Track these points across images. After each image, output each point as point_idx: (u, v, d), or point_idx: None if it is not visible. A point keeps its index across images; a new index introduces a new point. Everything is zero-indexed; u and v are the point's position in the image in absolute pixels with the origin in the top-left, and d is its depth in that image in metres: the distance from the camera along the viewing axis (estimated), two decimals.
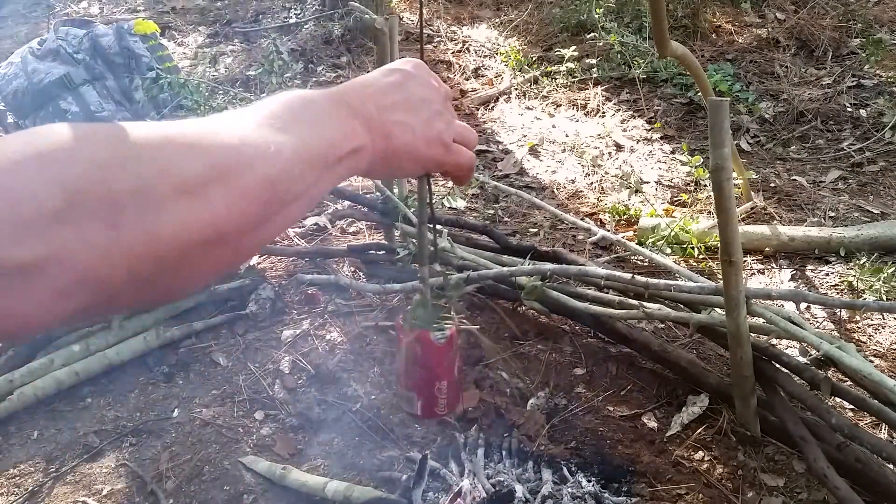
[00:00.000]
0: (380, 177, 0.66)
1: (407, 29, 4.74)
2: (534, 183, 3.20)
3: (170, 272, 0.41)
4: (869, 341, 2.17)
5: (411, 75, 0.61)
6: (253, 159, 0.45)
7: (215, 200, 0.42)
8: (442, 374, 0.81)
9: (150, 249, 0.39)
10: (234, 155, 0.44)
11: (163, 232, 0.39)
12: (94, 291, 0.38)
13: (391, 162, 0.58)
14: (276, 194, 0.46)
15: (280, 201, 0.47)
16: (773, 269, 2.52)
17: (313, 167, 0.49)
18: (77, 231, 0.36)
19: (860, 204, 2.86)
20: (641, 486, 1.75)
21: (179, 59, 4.32)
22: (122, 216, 0.38)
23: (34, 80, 3.20)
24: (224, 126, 0.46)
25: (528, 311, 2.27)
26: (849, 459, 1.63)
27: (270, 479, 1.79)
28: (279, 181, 0.46)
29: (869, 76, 3.70)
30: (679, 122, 3.55)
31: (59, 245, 0.35)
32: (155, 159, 0.40)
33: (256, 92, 3.30)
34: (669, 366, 2.02)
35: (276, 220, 0.47)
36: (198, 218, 0.41)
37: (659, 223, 2.68)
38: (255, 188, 0.44)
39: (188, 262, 0.42)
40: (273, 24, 4.89)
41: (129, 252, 0.38)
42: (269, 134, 0.47)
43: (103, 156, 0.38)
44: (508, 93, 3.93)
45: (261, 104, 0.51)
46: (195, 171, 0.42)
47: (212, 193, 0.42)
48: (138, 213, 0.38)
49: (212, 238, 0.42)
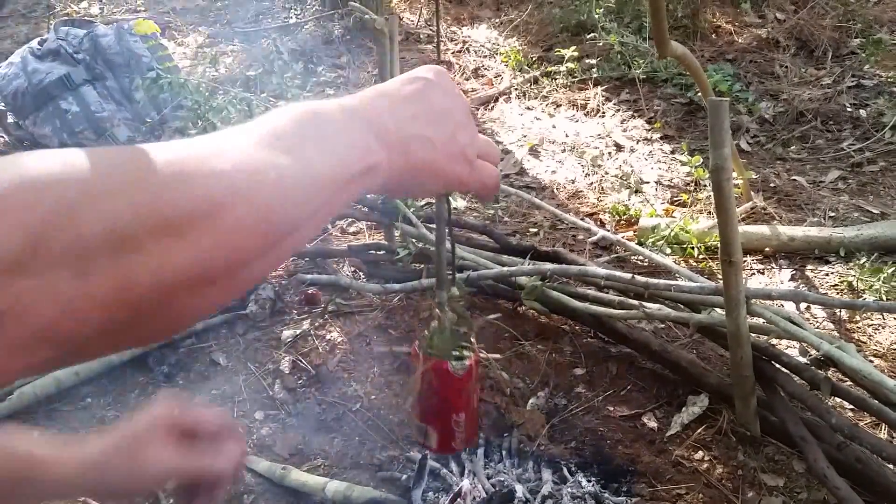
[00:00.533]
0: (397, 195, 0.59)
1: (407, 29, 4.75)
2: (534, 183, 3.20)
3: (148, 319, 0.37)
4: (869, 341, 2.17)
5: (433, 84, 0.56)
6: (248, 188, 0.39)
7: (203, 238, 0.37)
8: (460, 407, 0.74)
9: (124, 298, 0.35)
10: (226, 184, 0.39)
11: (140, 278, 0.35)
12: (57, 345, 0.34)
13: (410, 180, 0.53)
14: (275, 225, 0.41)
15: (280, 232, 0.42)
16: (773, 269, 2.52)
17: (321, 191, 0.44)
18: (39, 282, 0.32)
19: (860, 204, 2.86)
20: (641, 486, 1.75)
21: (179, 59, 4.32)
22: (93, 263, 0.33)
23: (34, 80, 3.20)
24: (216, 148, 0.41)
25: (528, 311, 2.27)
26: (849, 459, 1.63)
27: (270, 479, 1.79)
28: (279, 211, 0.41)
29: (869, 76, 3.70)
30: (679, 122, 3.55)
31: (16, 299, 0.32)
32: (132, 196, 0.35)
33: (256, 92, 3.31)
34: (669, 366, 2.02)
35: (274, 251, 0.43)
36: (182, 259, 0.36)
37: (659, 223, 2.68)
38: (250, 221, 0.39)
39: (169, 308, 0.37)
40: (273, 24, 4.89)
41: (100, 302, 0.34)
42: (270, 156, 0.42)
43: (73, 195, 0.34)
44: (508, 93, 3.93)
45: (264, 119, 0.46)
46: (180, 206, 0.37)
47: (199, 231, 0.37)
48: (111, 259, 0.34)
49: (198, 279, 0.38)
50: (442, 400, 0.74)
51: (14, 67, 3.29)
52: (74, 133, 3.19)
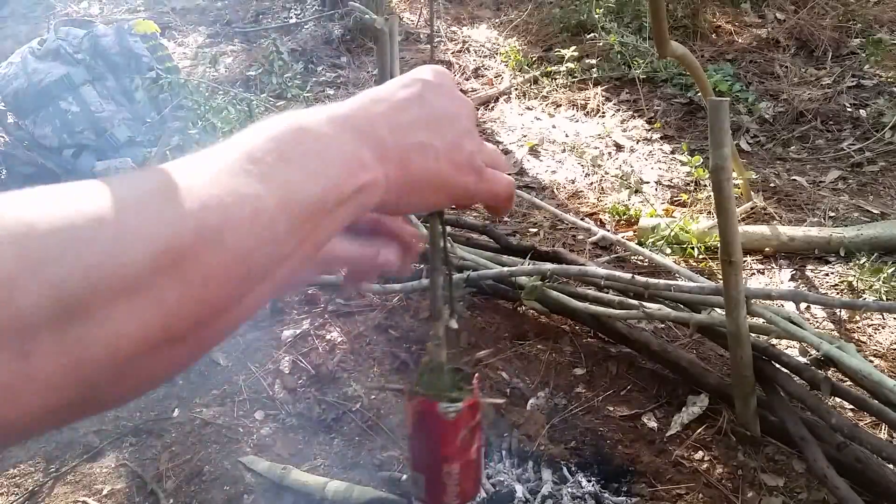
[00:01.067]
0: (398, 212, 0.52)
1: (407, 29, 4.74)
2: (534, 183, 3.20)
3: (102, 393, 0.32)
4: (869, 341, 2.17)
5: (432, 85, 0.50)
6: (220, 229, 0.34)
7: (167, 294, 0.32)
8: (452, 456, 0.62)
9: (74, 376, 0.30)
10: (193, 227, 0.33)
11: (92, 352, 0.30)
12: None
13: (411, 194, 0.47)
14: (251, 269, 0.35)
15: (257, 275, 0.36)
16: (773, 269, 2.52)
17: (306, 220, 0.38)
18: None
19: (860, 204, 2.86)
20: (641, 486, 1.75)
21: (179, 59, 4.32)
22: (35, 341, 0.29)
23: (34, 80, 3.20)
24: (183, 180, 0.34)
25: (528, 311, 2.27)
26: (849, 459, 1.63)
27: (270, 479, 1.79)
28: (256, 252, 0.35)
29: (869, 76, 3.70)
30: (679, 122, 3.55)
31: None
32: (81, 256, 0.30)
33: (256, 92, 3.31)
34: (669, 366, 2.02)
35: (252, 296, 0.36)
36: (142, 321, 0.31)
37: (659, 223, 2.68)
38: (221, 268, 0.34)
39: (128, 377, 0.32)
40: (273, 24, 4.89)
41: (44, 384, 0.29)
42: (246, 185, 0.36)
43: (11, 266, 0.28)
44: (508, 93, 3.93)
45: (238, 139, 0.39)
46: (138, 261, 0.31)
47: (161, 287, 0.32)
48: (57, 334, 0.29)
49: (161, 340, 0.32)
50: (431, 447, 0.63)
51: (14, 67, 3.29)
52: (74, 133, 3.19)
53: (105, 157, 3.18)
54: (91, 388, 0.31)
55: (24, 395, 0.29)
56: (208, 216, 0.34)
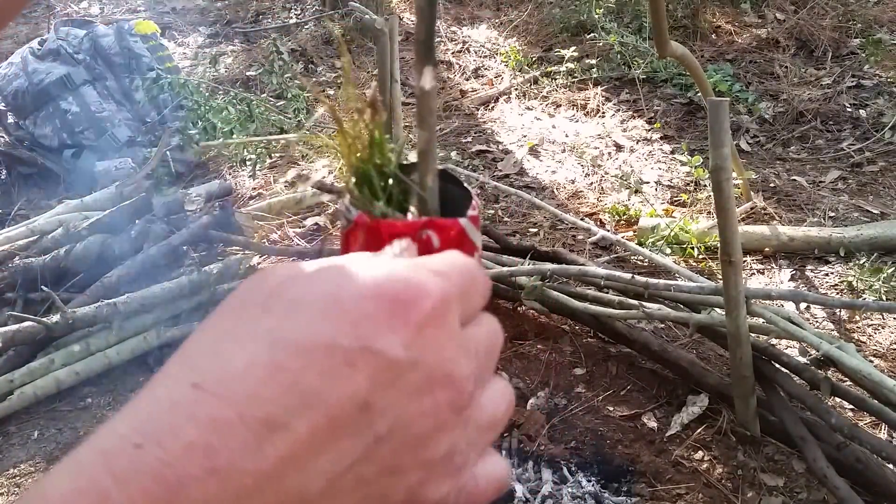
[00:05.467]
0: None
1: (407, 29, 4.75)
2: (534, 183, 3.20)
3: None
4: (869, 341, 2.17)
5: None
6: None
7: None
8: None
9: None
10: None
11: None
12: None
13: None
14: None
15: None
16: (773, 269, 2.52)
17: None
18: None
19: (860, 204, 2.86)
20: (641, 486, 1.75)
21: (179, 59, 4.32)
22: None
23: (34, 80, 3.20)
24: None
25: (528, 311, 2.27)
26: (849, 459, 1.63)
27: None
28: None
29: (869, 76, 3.70)
30: (679, 122, 3.55)
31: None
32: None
33: (256, 92, 3.31)
34: (669, 366, 2.02)
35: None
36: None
37: (659, 223, 2.68)
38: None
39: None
40: (273, 24, 4.89)
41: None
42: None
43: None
44: (508, 93, 3.93)
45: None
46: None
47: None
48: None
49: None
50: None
51: (14, 67, 3.29)
52: (74, 133, 3.20)
53: (105, 157, 3.18)
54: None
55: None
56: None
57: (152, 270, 2.33)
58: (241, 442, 0.24)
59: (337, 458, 0.26)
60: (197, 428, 0.24)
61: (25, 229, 2.59)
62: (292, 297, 0.28)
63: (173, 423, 0.25)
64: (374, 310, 0.28)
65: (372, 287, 0.28)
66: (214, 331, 0.28)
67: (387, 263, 0.30)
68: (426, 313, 0.28)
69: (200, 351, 0.27)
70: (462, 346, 0.30)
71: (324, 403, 0.26)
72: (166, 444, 0.24)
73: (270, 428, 0.25)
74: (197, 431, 0.24)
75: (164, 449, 0.24)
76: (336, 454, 0.26)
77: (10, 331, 2.08)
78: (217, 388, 0.25)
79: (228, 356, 0.26)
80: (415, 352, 0.28)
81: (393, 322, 0.28)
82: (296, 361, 0.26)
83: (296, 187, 0.56)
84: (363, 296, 0.28)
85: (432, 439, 0.28)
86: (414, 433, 0.28)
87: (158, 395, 0.26)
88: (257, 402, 0.25)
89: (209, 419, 0.25)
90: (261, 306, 0.28)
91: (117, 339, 2.22)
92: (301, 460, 0.25)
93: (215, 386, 0.25)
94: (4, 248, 2.48)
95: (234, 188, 3.08)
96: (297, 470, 0.25)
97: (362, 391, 0.26)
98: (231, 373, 0.26)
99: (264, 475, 0.24)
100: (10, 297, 2.38)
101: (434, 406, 0.28)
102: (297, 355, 0.26)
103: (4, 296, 2.39)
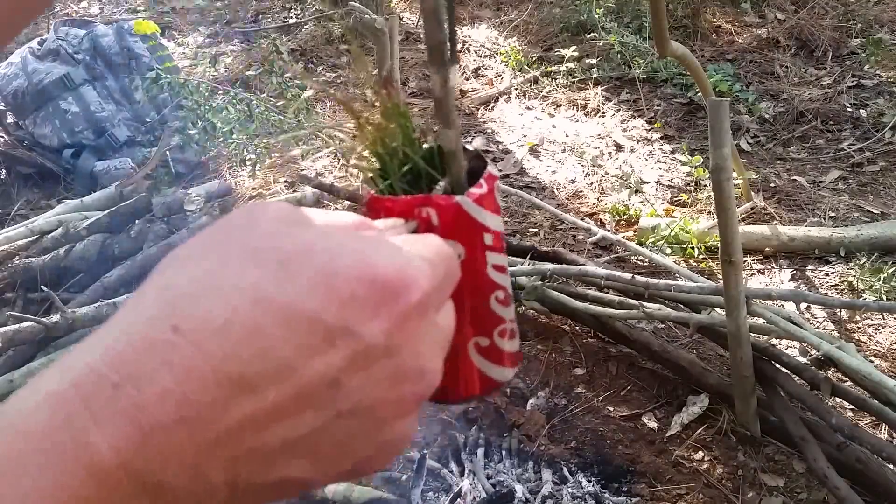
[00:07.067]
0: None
1: (407, 29, 4.74)
2: (534, 183, 3.20)
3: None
4: (869, 341, 2.17)
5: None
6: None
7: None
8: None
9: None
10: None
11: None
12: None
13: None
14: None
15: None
16: (773, 269, 2.52)
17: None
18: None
19: (860, 204, 2.86)
20: (641, 486, 1.75)
21: (179, 59, 4.32)
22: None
23: (34, 80, 3.20)
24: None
25: (528, 311, 2.27)
26: (849, 459, 1.63)
27: None
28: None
29: (869, 76, 3.70)
30: (679, 122, 3.55)
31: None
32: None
33: (256, 92, 3.31)
34: (669, 366, 2.02)
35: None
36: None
37: (659, 223, 2.68)
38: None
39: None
40: (273, 24, 4.89)
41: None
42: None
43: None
44: (508, 93, 3.93)
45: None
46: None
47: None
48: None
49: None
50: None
51: (14, 67, 3.29)
52: (74, 133, 3.19)
53: (105, 157, 3.18)
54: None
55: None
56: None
57: (152, 270, 2.33)
58: (211, 397, 0.25)
59: (296, 426, 0.27)
60: (172, 375, 0.25)
61: (25, 229, 2.58)
62: (284, 254, 0.28)
63: (150, 367, 0.25)
64: (363, 293, 0.28)
65: (365, 269, 0.28)
66: (198, 266, 0.28)
67: (383, 245, 0.30)
68: (412, 304, 0.29)
69: (182, 288, 0.27)
70: (436, 342, 0.31)
71: (296, 376, 0.26)
72: (143, 387, 0.25)
73: (240, 389, 0.25)
74: (172, 379, 0.25)
75: (140, 392, 0.24)
76: (296, 422, 0.27)
77: (10, 331, 2.07)
78: (195, 336, 0.25)
79: (211, 305, 0.26)
80: (394, 341, 0.28)
81: (379, 309, 0.28)
82: (277, 329, 0.26)
83: (296, 187, 0.57)
84: (355, 277, 0.28)
85: (389, 425, 0.29)
86: (375, 417, 0.29)
87: (136, 332, 0.26)
88: (232, 360, 0.25)
89: (184, 369, 0.25)
90: (249, 254, 0.28)
91: None
92: (262, 423, 0.26)
93: (194, 334, 0.26)
94: (4, 248, 2.48)
95: (234, 188, 3.08)
96: (257, 430, 0.26)
97: (334, 369, 0.27)
98: (211, 325, 0.26)
99: (225, 431, 0.25)
100: (10, 297, 2.38)
101: (400, 396, 0.29)
102: (279, 323, 0.26)
103: (4, 296, 2.39)
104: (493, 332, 0.41)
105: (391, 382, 0.29)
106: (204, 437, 0.25)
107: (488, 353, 0.41)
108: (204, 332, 0.26)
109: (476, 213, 0.38)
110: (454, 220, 0.38)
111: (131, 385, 0.25)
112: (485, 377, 0.41)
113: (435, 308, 0.32)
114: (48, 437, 0.24)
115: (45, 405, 0.24)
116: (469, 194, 0.39)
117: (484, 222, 0.39)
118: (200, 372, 0.25)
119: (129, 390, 0.24)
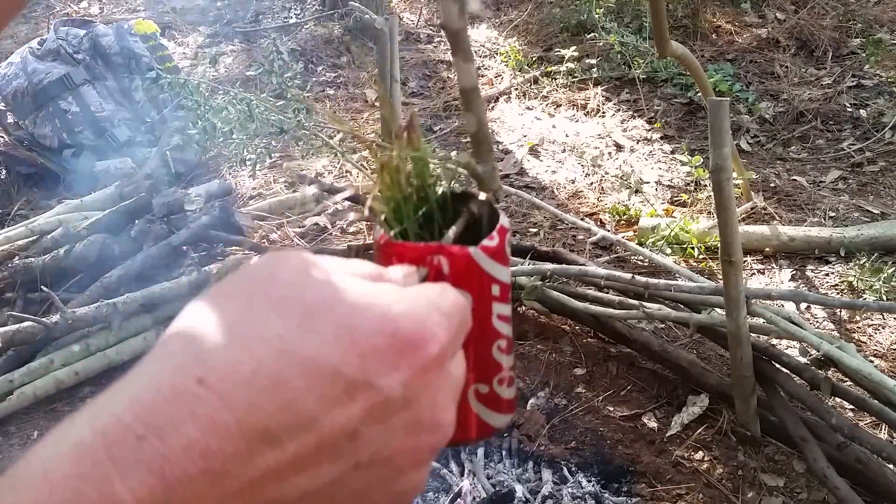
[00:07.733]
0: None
1: (407, 29, 4.74)
2: (534, 183, 3.20)
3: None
4: (869, 341, 2.17)
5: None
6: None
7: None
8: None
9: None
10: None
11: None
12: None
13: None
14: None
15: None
16: (773, 269, 2.52)
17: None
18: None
19: (860, 204, 2.86)
20: (641, 486, 1.75)
21: (179, 59, 4.32)
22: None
23: (34, 80, 3.20)
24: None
25: (528, 311, 2.27)
26: (849, 459, 1.63)
27: None
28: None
29: (869, 76, 3.70)
30: (679, 122, 3.55)
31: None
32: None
33: (256, 92, 3.30)
34: (669, 366, 2.02)
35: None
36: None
37: (659, 223, 2.68)
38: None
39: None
40: (273, 24, 4.89)
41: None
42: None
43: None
44: (508, 93, 3.93)
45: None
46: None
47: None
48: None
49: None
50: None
51: (14, 67, 3.28)
52: (74, 133, 3.19)
53: (105, 157, 3.18)
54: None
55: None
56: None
57: (152, 270, 2.33)
58: (234, 448, 0.25)
59: (315, 477, 0.27)
60: (197, 427, 0.25)
61: (25, 229, 2.58)
62: (307, 306, 0.29)
63: (175, 418, 0.25)
64: (384, 346, 0.28)
65: (385, 323, 0.29)
66: (222, 317, 0.28)
67: (403, 297, 0.31)
68: (431, 357, 0.30)
69: (207, 339, 0.27)
70: (451, 392, 0.32)
71: (317, 428, 0.27)
72: (168, 439, 0.25)
73: (264, 441, 0.26)
74: (197, 430, 0.25)
75: (165, 444, 0.25)
76: (316, 473, 0.27)
77: (9, 331, 2.07)
78: (220, 387, 0.26)
79: (235, 356, 0.27)
80: (412, 392, 0.29)
81: (398, 361, 0.29)
82: (299, 380, 0.27)
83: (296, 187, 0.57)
84: (376, 329, 0.29)
85: (405, 474, 0.30)
86: (392, 467, 0.30)
87: (162, 382, 0.26)
88: (256, 412, 0.26)
89: (209, 420, 0.25)
90: (273, 305, 0.28)
91: (117, 339, 2.22)
92: (284, 474, 0.26)
93: (219, 385, 0.26)
94: (4, 248, 2.48)
95: (234, 188, 3.08)
96: (278, 482, 0.26)
97: (354, 421, 0.27)
98: (236, 376, 0.26)
99: (249, 482, 0.26)
100: (10, 297, 2.38)
101: (417, 447, 0.30)
102: (301, 374, 0.27)
103: (4, 296, 2.39)
104: (493, 380, 0.42)
105: (408, 433, 0.30)
106: (227, 488, 0.25)
107: (487, 399, 0.42)
108: (228, 383, 0.26)
109: (487, 265, 0.39)
110: (465, 270, 0.38)
111: (156, 436, 0.25)
112: (482, 423, 0.42)
113: (450, 358, 0.32)
114: (72, 488, 0.24)
115: (70, 455, 0.25)
116: (482, 247, 0.39)
117: (493, 274, 0.40)
118: (225, 423, 0.25)
119: (154, 441, 0.25)
